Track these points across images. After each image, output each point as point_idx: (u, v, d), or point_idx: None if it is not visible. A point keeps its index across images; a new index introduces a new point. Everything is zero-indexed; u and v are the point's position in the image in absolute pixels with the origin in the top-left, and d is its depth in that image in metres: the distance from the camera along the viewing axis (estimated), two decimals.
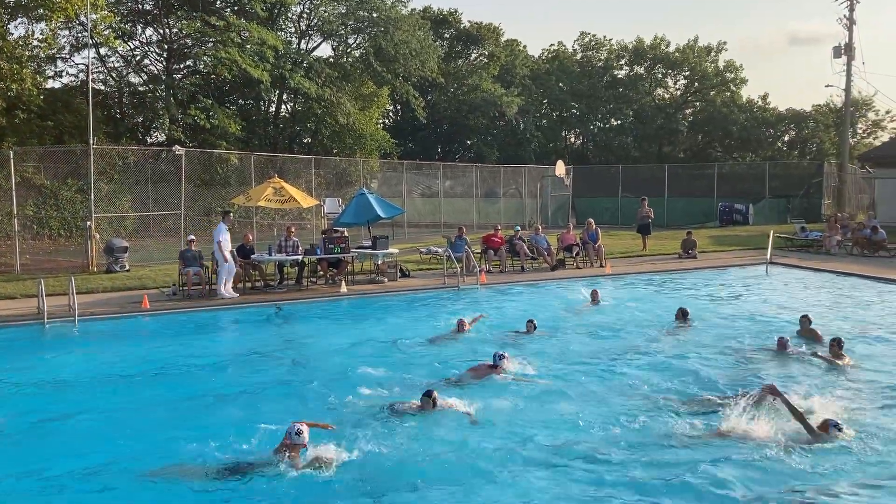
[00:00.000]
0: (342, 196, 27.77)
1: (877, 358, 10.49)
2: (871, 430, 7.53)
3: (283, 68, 33.83)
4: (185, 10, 33.40)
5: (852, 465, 6.78)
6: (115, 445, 7.52)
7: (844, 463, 6.81)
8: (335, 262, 17.64)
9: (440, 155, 51.89)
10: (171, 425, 8.10)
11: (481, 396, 8.67)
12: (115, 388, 9.64)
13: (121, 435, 7.79)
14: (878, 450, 7.07)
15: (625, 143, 53.36)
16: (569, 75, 55.89)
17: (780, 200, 38.15)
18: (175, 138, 29.88)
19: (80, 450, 7.44)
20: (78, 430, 8.09)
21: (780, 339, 10.77)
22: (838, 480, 6.48)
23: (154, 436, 7.76)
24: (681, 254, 22.46)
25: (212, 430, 7.76)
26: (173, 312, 14.45)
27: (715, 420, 7.84)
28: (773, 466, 6.74)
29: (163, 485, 6.59)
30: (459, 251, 18.87)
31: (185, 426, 8.03)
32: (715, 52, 56.11)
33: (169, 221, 25.66)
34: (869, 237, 22.46)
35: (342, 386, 9.22)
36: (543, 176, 38.18)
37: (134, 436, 7.77)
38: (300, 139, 41.15)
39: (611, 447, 7.26)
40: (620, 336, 12.16)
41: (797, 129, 57.12)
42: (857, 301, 15.32)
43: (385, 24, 37.91)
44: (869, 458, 6.93)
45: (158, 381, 10.00)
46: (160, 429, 7.98)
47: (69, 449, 7.48)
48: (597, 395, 8.98)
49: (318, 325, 13.83)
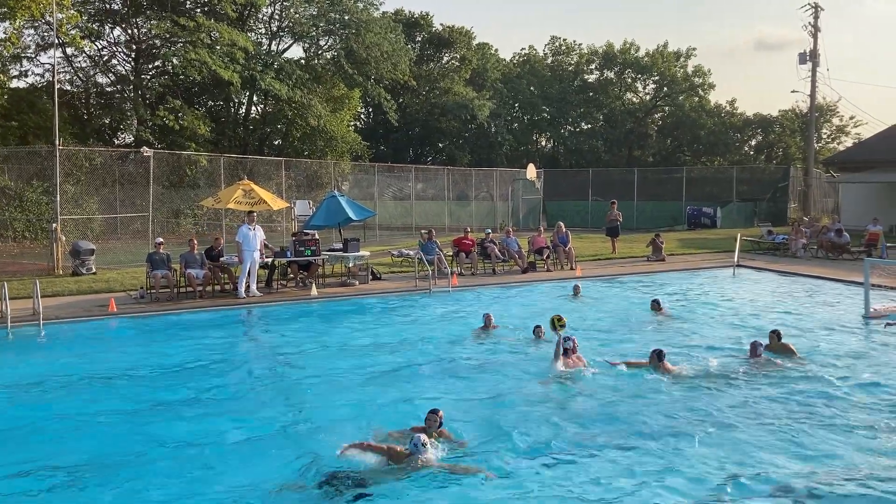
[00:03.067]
0: (313, 198, 27.68)
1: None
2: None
3: (254, 70, 33.62)
4: (154, 10, 33.06)
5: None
6: (81, 450, 7.43)
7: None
8: (306, 265, 17.56)
9: (412, 158, 51.89)
10: (136, 431, 8.01)
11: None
12: (81, 392, 9.50)
13: (87, 440, 7.72)
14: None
15: (595, 147, 53.82)
16: (540, 79, 56.25)
17: (747, 204, 38.71)
18: (143, 139, 29.56)
19: (45, 455, 7.31)
20: (42, 436, 7.94)
21: (752, 344, 10.51)
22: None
23: (120, 441, 7.67)
24: (649, 256, 22.69)
25: (177, 437, 7.75)
26: (141, 316, 14.28)
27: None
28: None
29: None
30: (431, 254, 18.88)
31: (148, 432, 7.96)
32: (684, 58, 56.90)
33: (137, 224, 25.36)
34: (833, 240, 22.85)
35: (305, 391, 9.20)
36: (514, 179, 38.35)
37: (100, 441, 7.68)
38: (271, 141, 40.93)
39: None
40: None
41: (764, 133, 58.09)
42: (821, 302, 15.61)
43: (356, 27, 37.86)
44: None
45: (124, 385, 9.86)
46: (127, 435, 7.89)
47: (32, 455, 7.34)
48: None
49: (288, 327, 13.74)
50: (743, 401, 8.72)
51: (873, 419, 8.07)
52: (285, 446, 7.53)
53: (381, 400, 8.93)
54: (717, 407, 8.48)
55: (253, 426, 8.13)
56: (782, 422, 8.00)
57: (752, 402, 8.65)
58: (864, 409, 8.45)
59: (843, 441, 7.46)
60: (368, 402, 8.85)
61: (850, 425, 7.91)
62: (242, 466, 7.04)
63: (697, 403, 8.65)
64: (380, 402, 8.84)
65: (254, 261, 16.17)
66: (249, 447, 7.55)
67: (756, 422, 7.99)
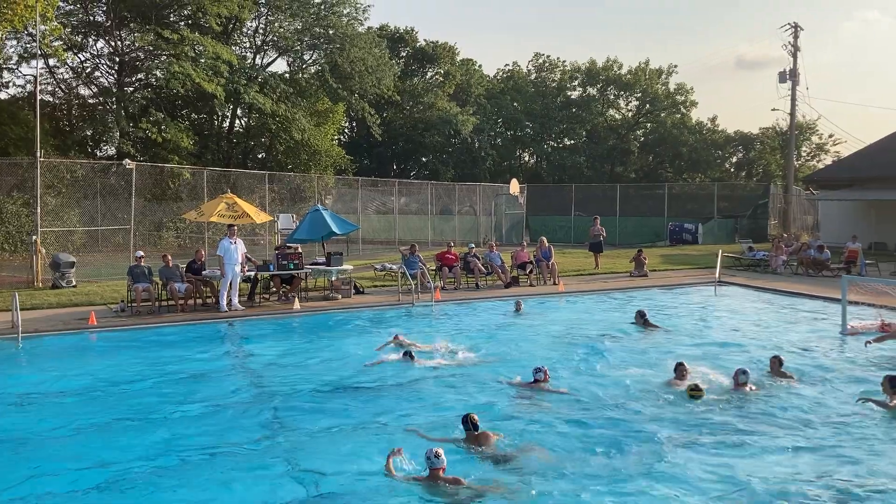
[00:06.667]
0: (296, 212, 27.59)
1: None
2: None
3: (238, 83, 33.59)
4: (138, 22, 32.97)
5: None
6: (58, 463, 7.38)
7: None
8: (288, 279, 17.51)
9: (395, 172, 51.99)
10: (112, 445, 7.96)
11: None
12: (59, 406, 9.42)
13: (62, 453, 7.66)
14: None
15: (578, 163, 54.14)
16: (523, 95, 56.60)
17: (728, 220, 39.05)
18: (125, 152, 29.40)
19: (25, 468, 7.24)
20: (20, 450, 7.85)
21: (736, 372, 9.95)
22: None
23: (95, 454, 7.62)
24: (632, 272, 22.80)
25: (155, 451, 7.73)
26: (121, 329, 14.16)
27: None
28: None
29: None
30: (414, 268, 18.88)
31: (124, 446, 7.92)
32: (666, 75, 57.46)
33: (118, 236, 25.17)
34: (813, 257, 23.09)
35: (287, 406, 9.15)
36: (498, 194, 38.48)
37: (77, 455, 7.62)
38: (254, 154, 40.85)
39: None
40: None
41: (745, 151, 58.77)
42: (801, 319, 15.76)
43: (341, 41, 37.98)
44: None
45: (102, 399, 9.77)
46: (101, 447, 7.85)
47: (9, 469, 7.27)
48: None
49: (270, 341, 13.68)
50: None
51: (840, 436, 8.18)
52: (265, 463, 7.49)
53: (360, 414, 8.91)
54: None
55: (233, 441, 8.08)
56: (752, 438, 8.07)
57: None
58: (834, 424, 8.55)
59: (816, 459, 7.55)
60: (349, 415, 8.85)
61: (820, 439, 8.04)
62: (222, 482, 7.00)
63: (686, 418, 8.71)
64: (358, 416, 8.82)
65: (235, 274, 16.12)
66: (228, 462, 7.50)
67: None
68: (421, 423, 8.38)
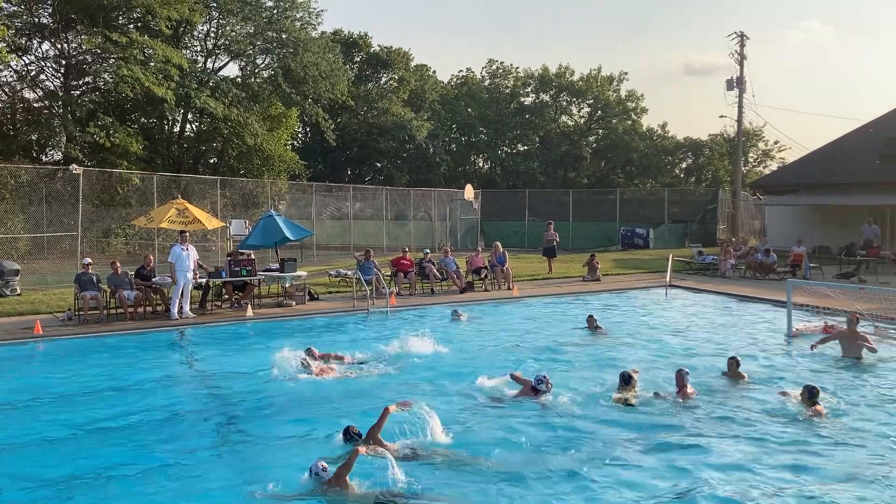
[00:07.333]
0: (249, 218, 27.31)
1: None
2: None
3: (189, 87, 33.09)
4: (85, 25, 32.21)
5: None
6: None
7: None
8: (241, 286, 17.32)
9: (350, 177, 51.79)
10: (56, 457, 7.82)
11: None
12: (1, 418, 9.17)
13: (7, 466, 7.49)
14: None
15: (531, 169, 54.61)
16: (477, 101, 56.92)
17: (678, 225, 39.79)
18: (73, 157, 28.69)
19: None
20: None
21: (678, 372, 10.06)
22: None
23: (40, 467, 7.47)
24: (585, 276, 23.08)
25: (103, 462, 7.62)
26: (68, 338, 13.84)
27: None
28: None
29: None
30: (369, 274, 18.83)
31: (71, 456, 7.78)
32: (617, 82, 58.37)
33: (65, 243, 24.59)
34: (760, 261, 23.66)
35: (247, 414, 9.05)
36: (452, 199, 38.61)
37: (19, 467, 7.47)
38: (206, 159, 40.26)
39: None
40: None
41: (694, 157, 59.96)
42: (748, 322, 16.14)
43: (294, 46, 37.71)
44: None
45: (47, 411, 9.53)
46: (45, 460, 7.69)
47: None
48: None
49: (222, 349, 13.49)
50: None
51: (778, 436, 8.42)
52: (217, 469, 7.42)
53: (322, 424, 8.86)
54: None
55: (182, 450, 7.99)
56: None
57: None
58: (781, 423, 8.80)
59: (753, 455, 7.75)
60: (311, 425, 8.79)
61: (763, 439, 8.27)
62: (170, 492, 6.92)
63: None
64: (319, 425, 8.77)
65: (187, 281, 15.89)
66: (179, 471, 7.41)
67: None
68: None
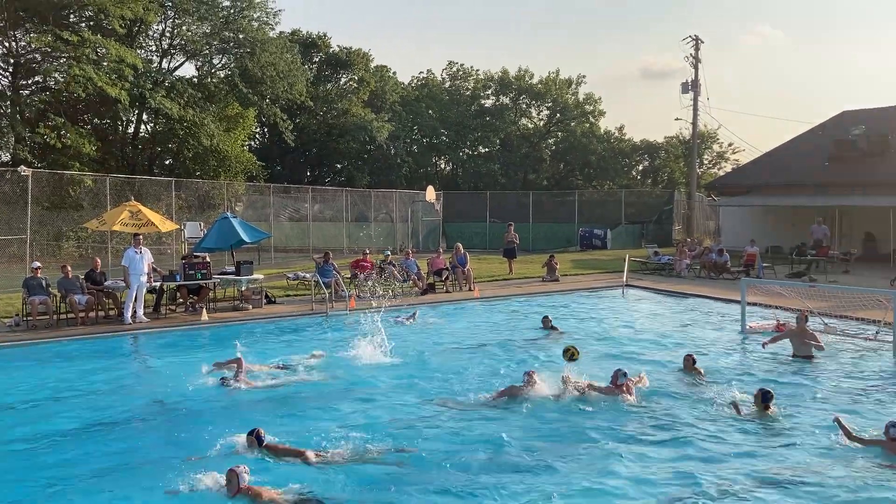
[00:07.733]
0: (205, 220, 26.90)
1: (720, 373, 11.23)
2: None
3: (143, 87, 32.50)
4: (35, 23, 31.43)
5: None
6: None
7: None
8: (196, 289, 17.02)
9: (309, 178, 51.29)
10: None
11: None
12: None
13: None
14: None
15: (492, 170, 54.76)
16: (438, 103, 56.90)
17: (635, 226, 40.22)
18: (21, 158, 27.97)
19: None
20: None
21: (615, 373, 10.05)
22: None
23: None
24: (544, 277, 23.20)
25: (51, 470, 7.44)
26: (16, 345, 13.45)
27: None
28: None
29: None
30: (328, 276, 18.66)
31: (18, 466, 7.61)
32: (575, 85, 58.81)
33: (13, 247, 23.97)
34: (714, 261, 24.04)
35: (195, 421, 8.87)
36: (414, 201, 38.52)
37: None
38: (161, 161, 39.58)
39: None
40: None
41: (650, 159, 60.71)
42: (703, 320, 16.37)
43: (251, 46, 37.25)
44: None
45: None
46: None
47: None
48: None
49: (175, 354, 13.21)
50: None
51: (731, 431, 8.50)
52: (162, 481, 7.22)
53: (275, 426, 8.72)
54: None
55: (133, 455, 7.86)
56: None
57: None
58: (734, 421, 8.94)
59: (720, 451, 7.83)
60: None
61: (717, 437, 8.38)
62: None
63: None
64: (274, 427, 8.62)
65: (141, 285, 15.57)
66: (127, 476, 7.30)
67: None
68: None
